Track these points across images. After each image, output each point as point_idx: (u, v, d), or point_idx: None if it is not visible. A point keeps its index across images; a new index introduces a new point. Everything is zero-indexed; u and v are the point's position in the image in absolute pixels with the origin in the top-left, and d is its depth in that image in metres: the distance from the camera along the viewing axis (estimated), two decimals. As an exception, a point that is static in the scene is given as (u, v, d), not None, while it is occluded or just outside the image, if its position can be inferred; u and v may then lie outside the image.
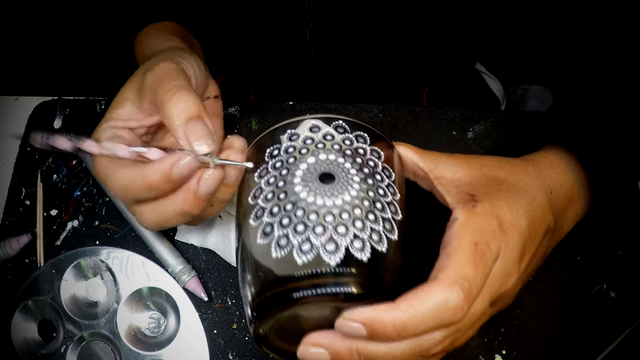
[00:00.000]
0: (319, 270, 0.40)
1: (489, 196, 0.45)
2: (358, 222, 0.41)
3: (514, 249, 0.44)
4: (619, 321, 0.55)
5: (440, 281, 0.40)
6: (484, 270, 0.41)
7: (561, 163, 0.51)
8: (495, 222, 0.44)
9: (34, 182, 0.61)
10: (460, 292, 0.40)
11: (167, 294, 0.54)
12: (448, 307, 0.39)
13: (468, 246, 0.42)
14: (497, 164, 0.49)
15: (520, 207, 0.46)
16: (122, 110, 0.48)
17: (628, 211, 0.57)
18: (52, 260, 0.54)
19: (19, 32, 0.67)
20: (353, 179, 0.43)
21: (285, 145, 0.46)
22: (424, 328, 0.40)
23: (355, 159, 0.44)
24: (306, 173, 0.43)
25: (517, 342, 0.54)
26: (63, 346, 0.52)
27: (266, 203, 0.43)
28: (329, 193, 0.42)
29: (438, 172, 0.48)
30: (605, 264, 0.57)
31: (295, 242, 0.41)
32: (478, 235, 0.42)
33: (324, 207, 0.41)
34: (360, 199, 0.42)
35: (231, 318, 0.55)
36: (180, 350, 0.53)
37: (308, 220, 0.41)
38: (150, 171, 0.43)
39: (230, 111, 0.64)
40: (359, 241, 0.41)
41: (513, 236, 0.44)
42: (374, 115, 0.64)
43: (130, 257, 0.55)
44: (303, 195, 0.42)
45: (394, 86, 0.75)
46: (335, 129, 0.46)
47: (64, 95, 0.66)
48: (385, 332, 0.39)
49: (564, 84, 0.61)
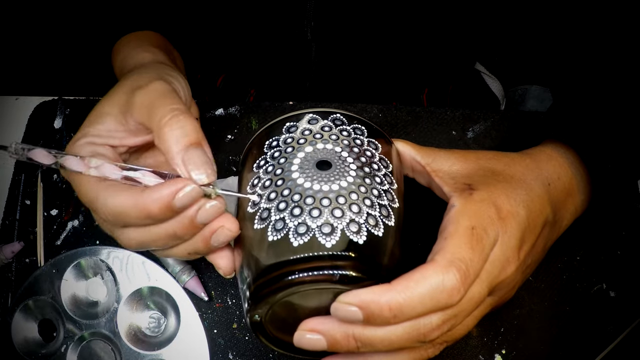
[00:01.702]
0: (314, 253, 0.40)
1: (486, 185, 0.46)
2: (354, 206, 0.42)
3: (512, 236, 0.44)
4: (618, 321, 0.55)
5: (437, 262, 0.40)
6: (481, 254, 0.41)
7: (559, 156, 0.51)
8: (493, 209, 0.44)
9: (34, 182, 0.61)
10: (457, 273, 0.40)
11: (167, 294, 0.54)
12: (445, 289, 0.39)
13: (465, 230, 0.42)
14: (494, 157, 0.50)
15: (518, 197, 0.46)
16: (101, 126, 0.46)
17: (628, 210, 0.57)
18: (53, 260, 0.54)
19: (20, 32, 0.67)
20: (350, 167, 0.44)
21: (284, 136, 0.46)
22: (421, 310, 0.39)
23: (352, 148, 0.45)
24: (303, 161, 0.44)
25: (516, 342, 0.54)
26: (63, 346, 0.52)
27: (264, 190, 0.43)
28: (325, 179, 0.42)
29: (435, 165, 0.48)
30: (604, 264, 0.57)
31: (291, 225, 0.41)
32: (475, 220, 0.43)
33: (320, 192, 0.42)
34: (356, 185, 0.43)
35: (231, 318, 0.55)
36: (180, 349, 0.53)
37: (304, 204, 0.41)
38: (149, 200, 0.41)
39: (230, 111, 0.64)
40: (355, 224, 0.41)
41: (511, 224, 0.44)
42: (374, 115, 0.64)
43: (131, 256, 0.55)
44: (300, 181, 0.43)
45: (394, 86, 0.75)
46: (332, 121, 0.46)
47: (65, 95, 0.66)
48: (381, 315, 0.39)
49: (563, 81, 0.61)
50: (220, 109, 0.64)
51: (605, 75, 0.56)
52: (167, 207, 0.40)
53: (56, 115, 0.64)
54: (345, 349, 0.41)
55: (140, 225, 0.43)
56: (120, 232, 0.44)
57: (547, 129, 0.54)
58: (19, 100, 0.66)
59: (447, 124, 0.64)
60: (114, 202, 0.41)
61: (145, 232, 0.43)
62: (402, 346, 0.41)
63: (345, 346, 0.41)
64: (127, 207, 0.41)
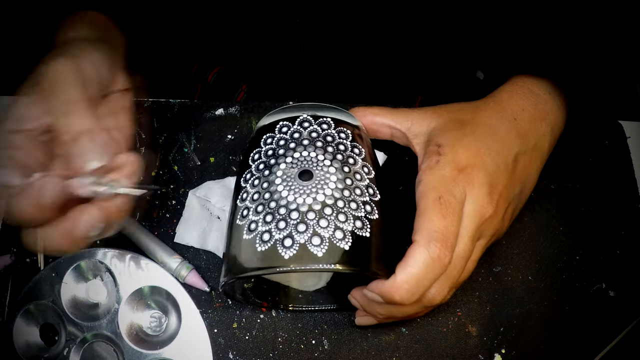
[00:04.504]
0: (303, 267, 0.44)
1: (452, 146, 0.50)
2: (340, 215, 0.45)
3: (480, 186, 0.48)
4: (617, 320, 0.55)
5: (418, 242, 0.46)
6: (453, 217, 0.46)
7: (519, 89, 0.55)
8: (455, 170, 0.48)
9: (35, 182, 0.61)
10: (437, 243, 0.45)
11: (168, 292, 0.54)
12: (433, 260, 0.45)
13: (433, 202, 0.47)
14: (462, 108, 0.54)
15: (484, 145, 0.50)
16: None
17: (627, 210, 0.57)
18: (52, 263, 0.54)
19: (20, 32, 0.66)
20: (329, 171, 0.47)
21: (265, 148, 0.50)
22: (426, 284, 0.46)
23: (326, 148, 0.49)
24: (285, 172, 0.47)
25: (516, 341, 0.54)
26: (66, 349, 0.53)
27: (252, 203, 0.47)
28: (308, 191, 0.46)
29: (415, 129, 0.54)
30: (604, 263, 0.58)
31: (278, 237, 0.44)
32: (441, 189, 0.47)
33: (304, 205, 0.45)
34: (339, 190, 0.46)
35: (231, 317, 0.55)
36: (182, 347, 0.53)
37: (289, 217, 0.45)
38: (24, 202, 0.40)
39: (230, 111, 0.64)
40: (340, 231, 0.45)
41: (477, 174, 0.49)
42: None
43: (130, 257, 0.55)
44: (284, 194, 0.46)
45: (385, 92, 0.75)
46: (300, 125, 0.50)
47: (64, 94, 0.66)
48: (394, 301, 0.46)
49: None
50: (220, 109, 0.64)
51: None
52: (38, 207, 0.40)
53: (56, 115, 0.64)
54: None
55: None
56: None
57: (510, 68, 0.57)
58: (19, 99, 0.66)
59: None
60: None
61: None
62: (416, 312, 0.50)
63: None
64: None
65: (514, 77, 0.56)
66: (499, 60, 0.65)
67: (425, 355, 0.54)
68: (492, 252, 0.57)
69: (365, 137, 0.52)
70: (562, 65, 0.55)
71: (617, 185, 0.61)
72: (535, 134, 0.54)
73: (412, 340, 0.55)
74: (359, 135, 0.51)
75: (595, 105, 0.56)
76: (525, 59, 0.57)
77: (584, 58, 0.55)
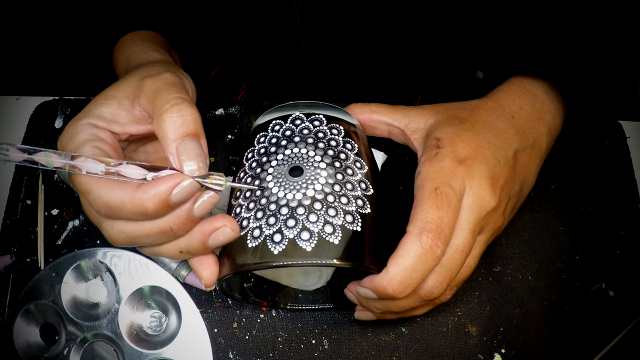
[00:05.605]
0: (292, 262, 0.44)
1: (451, 140, 0.49)
2: (330, 209, 0.45)
3: (481, 178, 0.48)
4: (617, 320, 0.55)
5: (411, 232, 0.45)
6: (448, 208, 0.46)
7: (517, 89, 0.55)
8: (455, 162, 0.48)
9: (35, 181, 0.61)
10: (429, 233, 0.44)
11: (168, 292, 0.54)
12: (425, 250, 0.44)
13: (429, 194, 0.46)
14: (460, 106, 0.54)
15: (483, 139, 0.50)
16: (106, 108, 0.45)
17: (627, 210, 0.57)
18: (52, 263, 0.54)
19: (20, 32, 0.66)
20: (320, 167, 0.47)
21: (258, 147, 0.50)
22: (419, 276, 0.45)
23: (317, 144, 0.48)
24: (276, 169, 0.47)
25: (516, 341, 0.54)
26: (66, 349, 0.53)
27: (245, 201, 0.47)
28: (297, 186, 0.46)
29: (413, 125, 0.53)
30: (604, 263, 0.58)
31: (268, 233, 0.44)
32: (438, 180, 0.47)
33: (293, 201, 0.45)
34: (329, 185, 0.46)
35: (231, 317, 0.56)
36: (182, 347, 0.53)
37: (279, 213, 0.45)
38: (145, 197, 0.40)
39: (230, 111, 0.64)
40: (330, 226, 0.44)
41: (478, 167, 0.48)
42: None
43: (130, 256, 0.55)
44: (275, 190, 0.46)
45: (385, 91, 0.75)
46: (293, 122, 0.50)
47: (65, 95, 0.66)
48: (387, 295, 0.45)
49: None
50: (220, 109, 0.64)
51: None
52: (163, 203, 0.40)
53: (57, 115, 0.64)
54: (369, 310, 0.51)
55: (134, 220, 0.42)
56: (110, 224, 0.43)
57: (508, 69, 0.58)
58: (20, 100, 0.66)
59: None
60: (108, 196, 0.41)
61: (138, 227, 0.42)
62: (413, 306, 0.48)
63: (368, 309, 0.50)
64: (122, 202, 0.40)
65: (512, 77, 0.57)
66: (497, 61, 0.65)
67: (425, 355, 0.54)
68: (492, 251, 0.57)
69: (360, 133, 0.52)
70: (559, 66, 0.55)
71: (617, 185, 0.61)
72: (533, 133, 0.54)
73: (412, 340, 0.55)
74: (353, 131, 0.51)
75: (592, 107, 0.56)
76: (523, 59, 0.57)
77: (581, 59, 0.56)
